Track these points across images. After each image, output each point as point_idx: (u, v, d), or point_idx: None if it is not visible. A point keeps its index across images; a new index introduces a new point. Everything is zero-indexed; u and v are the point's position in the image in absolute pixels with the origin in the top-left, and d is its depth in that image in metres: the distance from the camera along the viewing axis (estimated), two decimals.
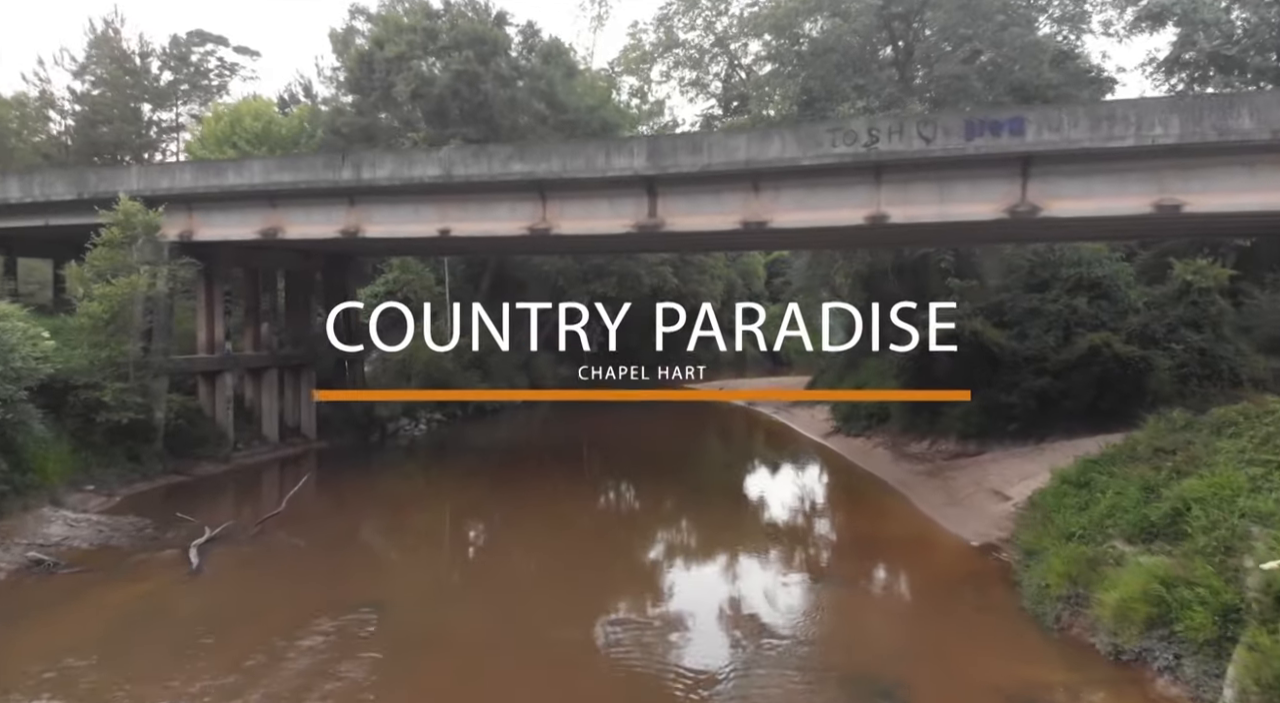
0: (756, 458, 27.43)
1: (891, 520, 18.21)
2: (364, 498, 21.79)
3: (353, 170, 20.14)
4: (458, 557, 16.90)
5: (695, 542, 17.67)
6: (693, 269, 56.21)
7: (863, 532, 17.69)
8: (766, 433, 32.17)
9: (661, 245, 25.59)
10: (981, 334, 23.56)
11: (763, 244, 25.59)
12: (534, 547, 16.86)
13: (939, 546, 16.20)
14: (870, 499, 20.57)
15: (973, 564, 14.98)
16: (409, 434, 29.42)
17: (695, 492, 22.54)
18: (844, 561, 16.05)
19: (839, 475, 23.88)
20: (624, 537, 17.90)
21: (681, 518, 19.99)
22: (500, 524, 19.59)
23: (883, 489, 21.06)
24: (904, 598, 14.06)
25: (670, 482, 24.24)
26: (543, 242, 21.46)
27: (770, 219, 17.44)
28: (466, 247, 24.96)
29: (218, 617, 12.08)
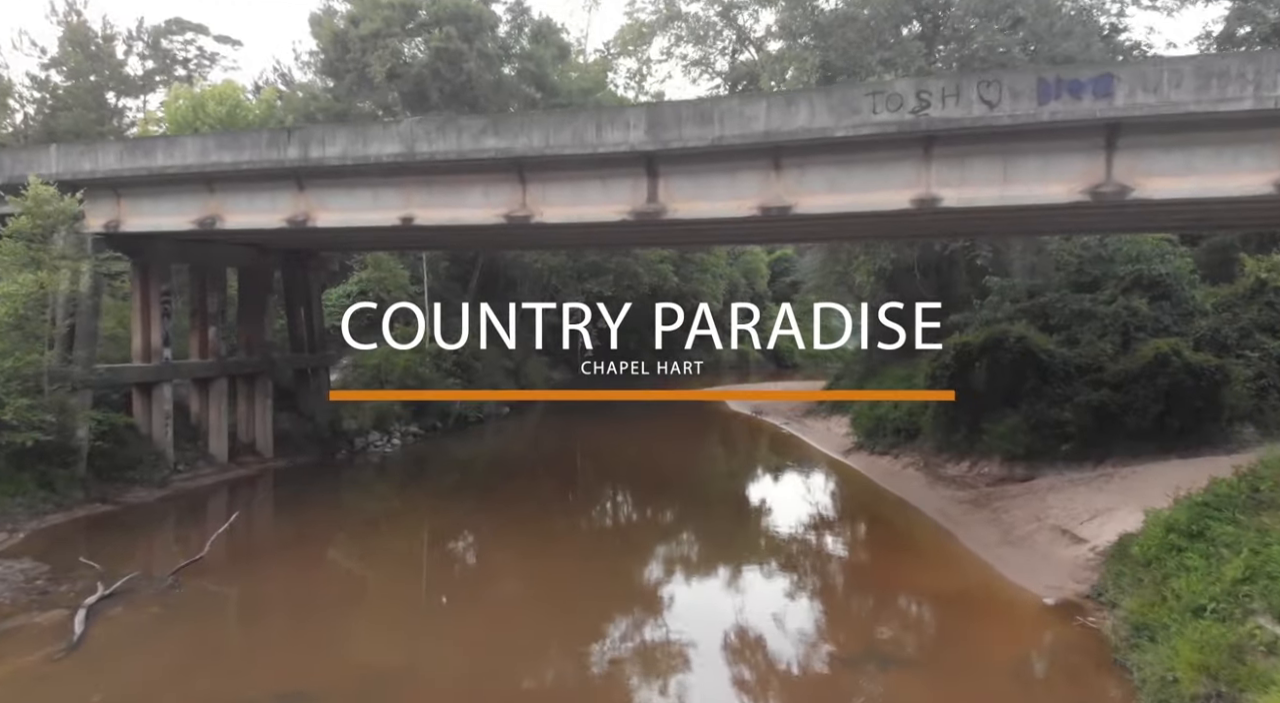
0: (769, 480, 24.42)
1: (938, 566, 15.21)
2: (318, 530, 18.75)
3: (299, 148, 17.13)
4: (422, 619, 13.77)
5: (702, 600, 14.46)
6: (693, 267, 53.42)
7: (906, 581, 14.65)
8: (778, 449, 29.15)
9: (663, 240, 22.48)
10: (1028, 340, 20.65)
11: (783, 237, 22.27)
12: (517, 607, 13.83)
13: (1004, 603, 13.18)
14: (908, 535, 17.57)
15: (1053, 631, 12.01)
16: (380, 451, 26.36)
17: (701, 524, 19.57)
18: (888, 625, 13.00)
19: (866, 503, 20.85)
20: (620, 593, 14.77)
21: (686, 563, 16.98)
22: (478, 572, 16.59)
23: (920, 522, 18.06)
24: (975, 687, 10.97)
25: (672, 510, 21.29)
26: (523, 232, 18.47)
27: (795, 203, 14.44)
28: (435, 239, 21.97)
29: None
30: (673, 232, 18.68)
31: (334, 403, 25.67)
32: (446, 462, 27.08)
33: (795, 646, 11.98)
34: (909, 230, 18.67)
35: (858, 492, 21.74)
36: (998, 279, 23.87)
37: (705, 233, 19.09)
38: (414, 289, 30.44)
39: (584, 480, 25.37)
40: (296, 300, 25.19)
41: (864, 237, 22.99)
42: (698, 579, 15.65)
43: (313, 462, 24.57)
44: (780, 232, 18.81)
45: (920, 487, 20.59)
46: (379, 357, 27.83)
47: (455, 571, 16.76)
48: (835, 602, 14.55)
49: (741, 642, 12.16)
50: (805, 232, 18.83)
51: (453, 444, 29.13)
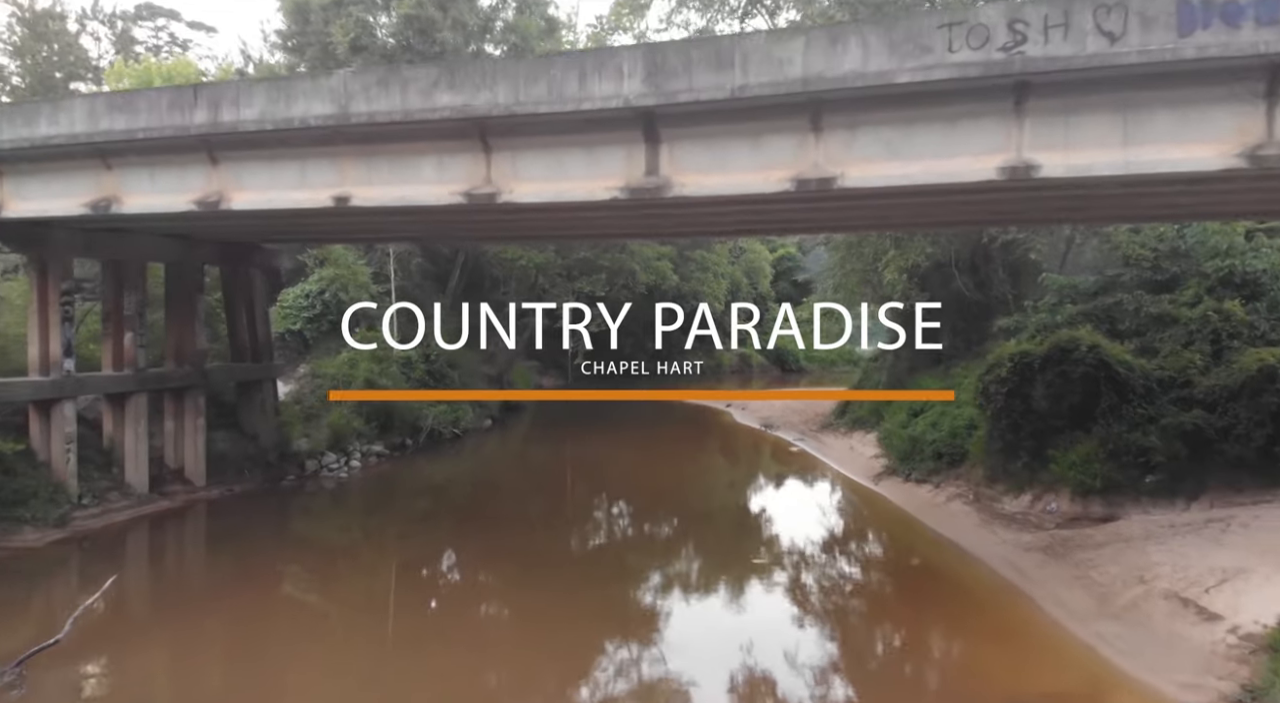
0: (786, 514, 20.88)
1: (1021, 648, 11.70)
2: (248, 583, 15.18)
3: (209, 110, 13.60)
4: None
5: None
6: (693, 266, 50.09)
7: (983, 672, 11.14)
8: (794, 472, 25.65)
9: (666, 228, 18.30)
10: (1102, 350, 17.20)
11: (817, 223, 16.93)
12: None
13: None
14: (971, 598, 14.04)
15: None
16: (336, 475, 22.78)
17: (706, 578, 16.11)
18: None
19: (909, 548, 17.35)
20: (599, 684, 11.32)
21: (685, 645, 13.38)
22: (447, 627, 13.02)
23: (983, 577, 14.57)
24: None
25: (672, 556, 17.83)
26: (489, 219, 14.94)
27: (840, 174, 10.95)
28: (381, 228, 18.09)
29: None
30: (678, 218, 15.13)
31: (281, 421, 22.14)
32: (414, 487, 23.55)
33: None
34: (986, 213, 15.06)
35: (896, 532, 18.23)
36: (1057, 277, 20.42)
37: (719, 219, 15.48)
38: (377, 289, 26.90)
39: (570, 512, 21.86)
40: (237, 301, 21.65)
41: (922, 225, 19.16)
42: (701, 671, 12.10)
43: (254, 489, 21.03)
44: (814, 216, 15.22)
45: (973, 526, 17.11)
46: (337, 366, 24.36)
47: (421, 625, 13.20)
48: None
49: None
50: (846, 216, 15.19)
51: (424, 465, 25.59)
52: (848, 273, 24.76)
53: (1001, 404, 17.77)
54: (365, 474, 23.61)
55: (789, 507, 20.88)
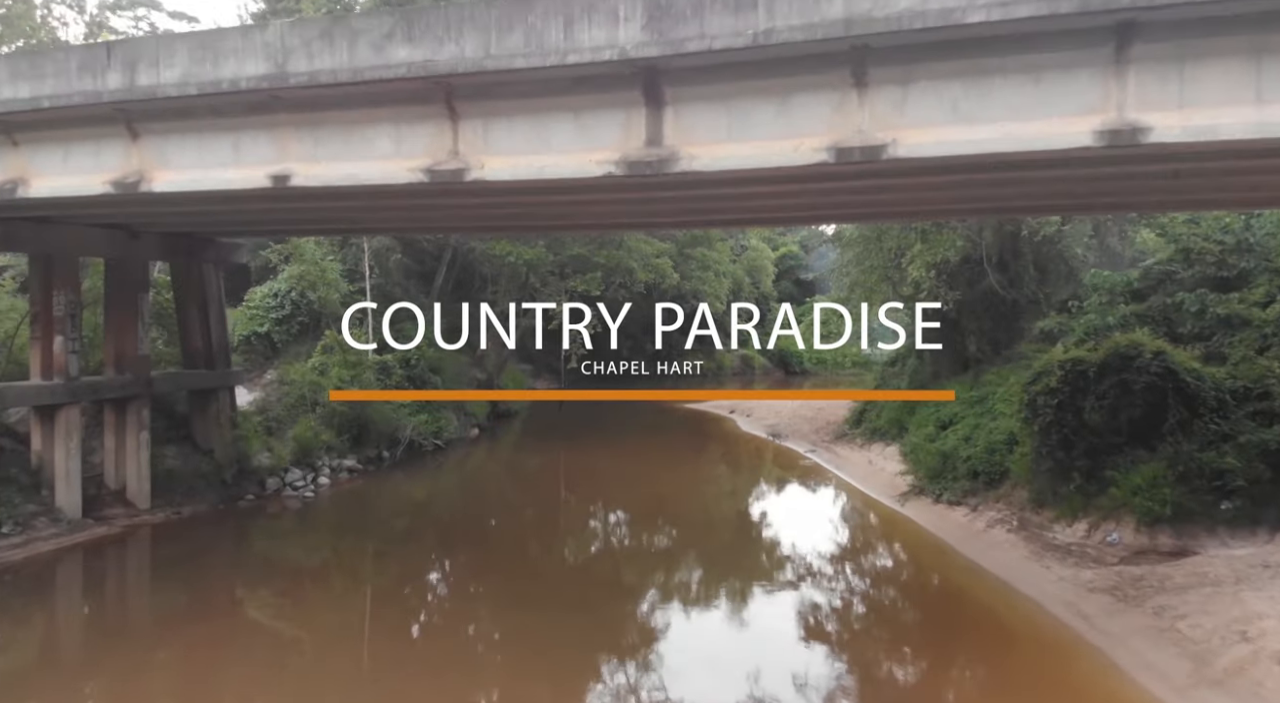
0: (803, 538, 18.58)
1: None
2: (190, 617, 13.18)
3: (124, 71, 11.36)
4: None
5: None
6: (694, 264, 47.84)
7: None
8: (808, 489, 23.44)
9: (670, 215, 15.21)
10: (1168, 357, 15.02)
11: (856, 209, 13.61)
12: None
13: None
14: (1029, 648, 11.87)
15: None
16: (301, 494, 20.50)
17: (717, 606, 13.94)
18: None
19: (950, 584, 15.10)
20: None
21: (701, 687, 11.21)
22: (419, 677, 10.81)
23: (1042, 625, 12.37)
24: None
25: (678, 582, 15.62)
26: (457, 201, 12.61)
27: (891, 140, 8.74)
28: (341, 218, 15.74)
29: None
30: (686, 203, 12.78)
31: (239, 434, 19.88)
32: (390, 505, 21.30)
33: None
34: (1065, 195, 12.38)
35: (931, 563, 16.00)
36: (1108, 273, 18.25)
37: (736, 202, 12.96)
38: (349, 288, 24.64)
39: (561, 535, 19.62)
40: (189, 301, 19.41)
41: (983, 211, 16.47)
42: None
43: (206, 512, 18.77)
44: (852, 200, 12.71)
45: (1021, 559, 14.91)
46: (302, 372, 22.15)
47: (400, 653, 10.99)
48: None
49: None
50: (894, 198, 12.63)
51: (401, 481, 23.33)
52: (866, 270, 22.56)
53: (1051, 418, 15.56)
54: (335, 492, 21.35)
55: (805, 532, 18.64)
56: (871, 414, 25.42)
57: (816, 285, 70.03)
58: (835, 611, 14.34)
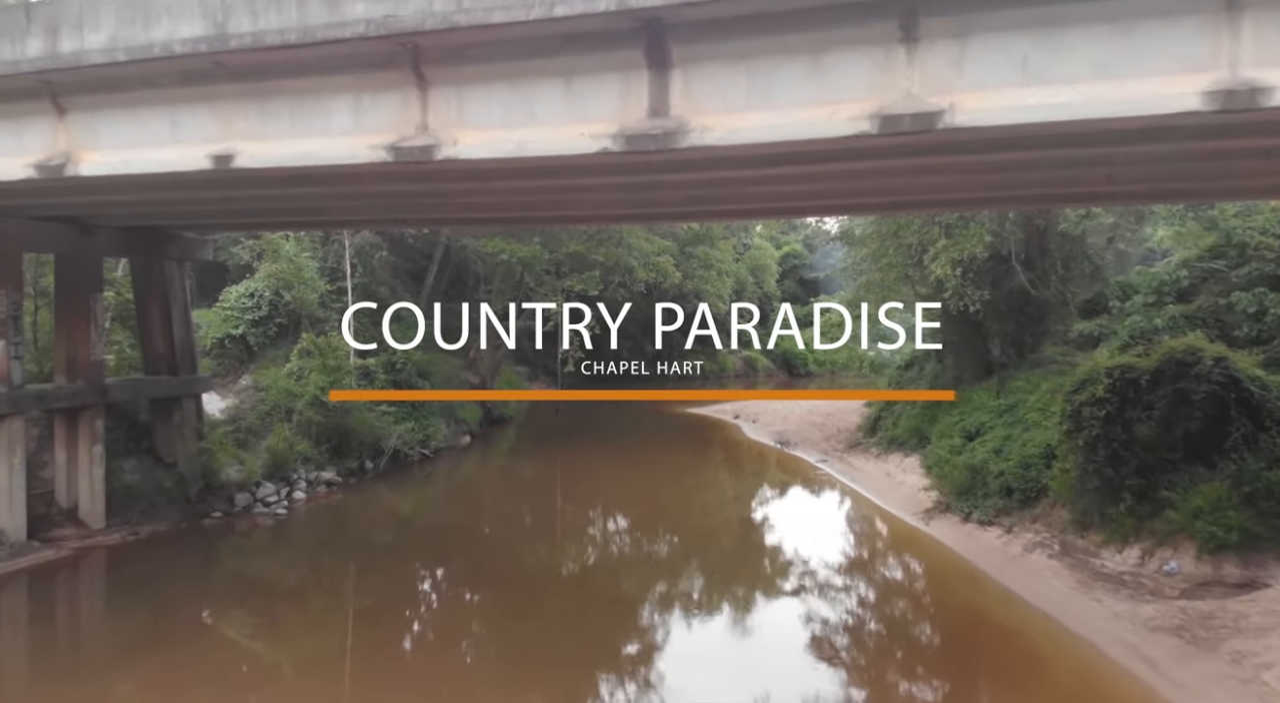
0: (818, 561, 16.99)
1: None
2: (149, 647, 11.70)
3: (45, 36, 9.82)
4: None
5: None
6: (696, 263, 46.33)
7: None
8: (822, 504, 21.84)
9: (676, 206, 13.33)
10: (1230, 364, 13.47)
11: (900, 195, 12.73)
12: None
13: None
14: (1087, 699, 10.35)
15: None
16: (273, 510, 18.92)
17: (726, 639, 12.35)
18: None
19: (985, 615, 13.48)
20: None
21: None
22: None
23: (1097, 666, 10.84)
24: None
25: (687, 618, 14.04)
26: (429, 187, 11.00)
27: (948, 106, 7.18)
28: (306, 208, 14.00)
29: None
30: (698, 188, 11.10)
31: (205, 446, 18.30)
32: (369, 523, 19.71)
33: None
34: (1156, 177, 10.66)
35: (965, 594, 14.38)
36: (1155, 270, 16.72)
37: (757, 188, 11.15)
38: (327, 287, 23.04)
39: (555, 554, 18.06)
40: (150, 302, 17.86)
41: (1044, 200, 14.86)
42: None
43: (168, 531, 17.23)
44: (895, 184, 11.04)
45: (1068, 590, 13.35)
46: (274, 378, 20.62)
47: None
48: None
49: None
50: (935, 185, 11.03)
51: (385, 494, 21.76)
52: (883, 268, 20.99)
53: (1098, 431, 13.99)
54: (312, 507, 19.78)
55: (820, 553, 17.06)
56: (887, 422, 23.84)
57: (821, 285, 68.48)
58: (858, 646, 12.81)
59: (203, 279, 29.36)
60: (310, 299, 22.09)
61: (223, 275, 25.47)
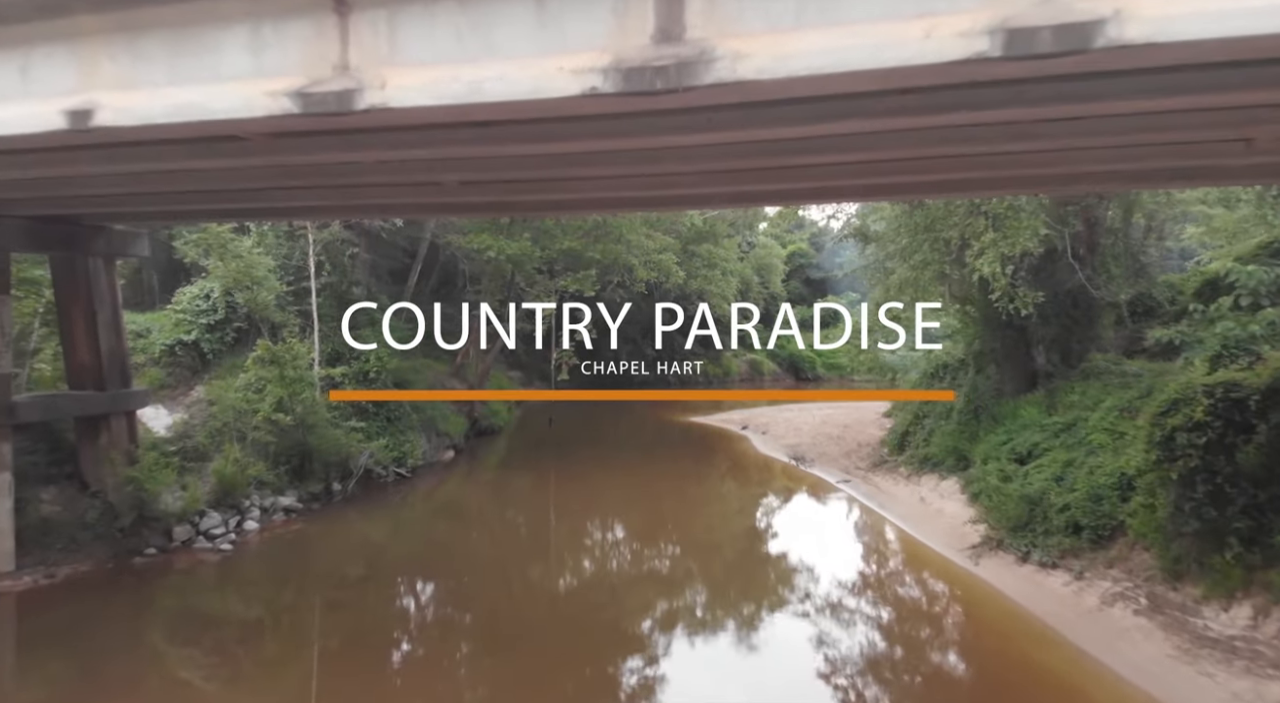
0: (849, 605, 14.59)
1: None
2: None
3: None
4: None
5: None
6: (699, 262, 43.95)
7: None
8: (848, 535, 19.32)
9: (689, 185, 9.92)
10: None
11: (975, 175, 9.97)
12: None
13: None
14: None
15: None
16: (218, 546, 16.43)
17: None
18: None
19: (1067, 690, 11.02)
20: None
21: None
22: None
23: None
24: None
25: (690, 670, 11.57)
26: (352, 156, 8.41)
27: (1115, 10, 4.72)
28: (202, 189, 11.42)
29: None
30: (730, 156, 8.41)
31: (140, 471, 15.83)
32: (331, 556, 17.23)
33: None
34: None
35: (1035, 659, 11.83)
36: (1252, 268, 14.28)
37: (810, 156, 8.36)
38: (284, 289, 20.51)
39: (545, 603, 15.58)
40: (73, 306, 15.41)
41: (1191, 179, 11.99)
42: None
43: (92, 572, 14.78)
44: (964, 157, 8.60)
45: (1166, 658, 10.88)
46: (220, 391, 18.19)
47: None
48: None
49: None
50: (1044, 154, 8.47)
51: (353, 521, 19.28)
52: (917, 266, 18.53)
53: (1196, 462, 11.56)
54: (266, 538, 17.31)
55: (853, 599, 14.64)
56: (917, 437, 21.38)
57: (828, 285, 66.14)
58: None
59: (163, 279, 26.95)
60: (265, 301, 19.61)
61: (181, 275, 23.02)
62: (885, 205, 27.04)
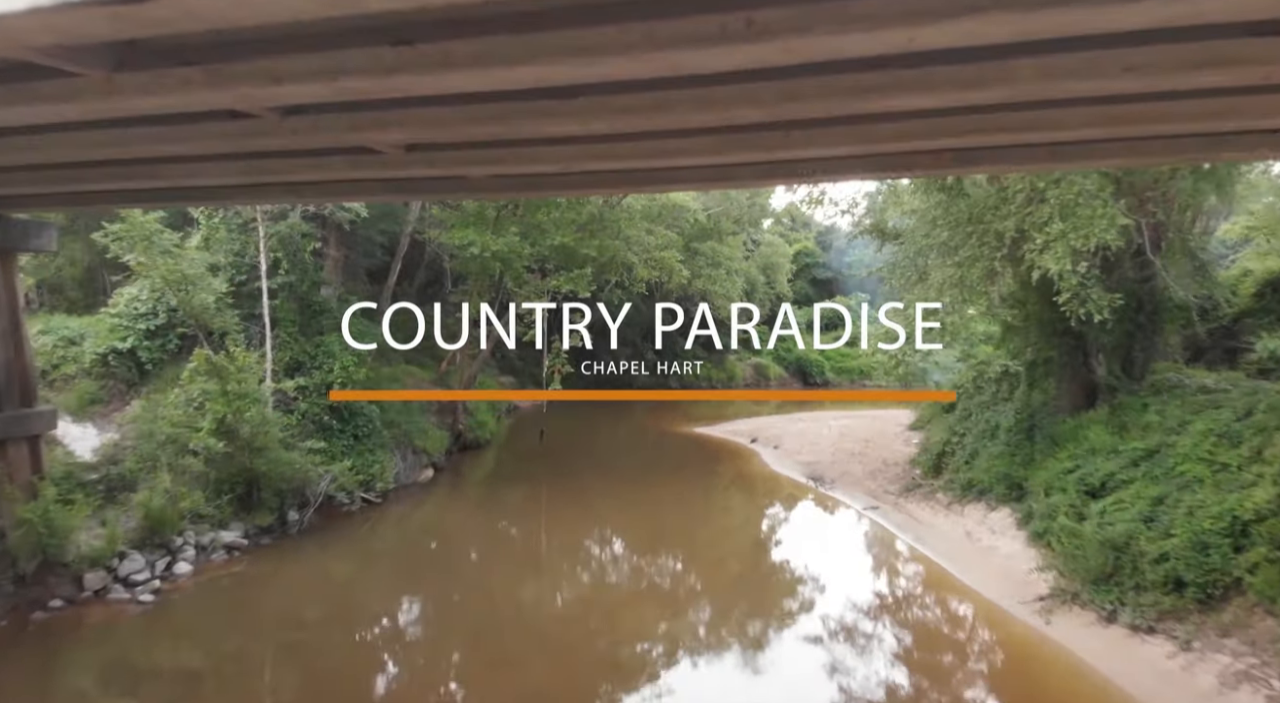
0: (901, 680, 12.04)
1: None
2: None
3: None
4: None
5: None
6: (703, 261, 41.49)
7: None
8: (883, 574, 16.69)
9: (694, 158, 8.50)
10: None
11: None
12: None
13: None
14: None
15: None
16: (137, 596, 13.81)
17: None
18: None
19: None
20: None
21: None
22: None
23: None
24: None
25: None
26: (210, 84, 5.83)
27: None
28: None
29: None
30: (771, 106, 5.90)
31: (45, 507, 13.26)
32: (279, 603, 14.59)
33: None
34: None
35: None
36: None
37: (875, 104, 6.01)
38: (223, 290, 17.84)
39: (529, 660, 13.00)
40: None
41: None
42: None
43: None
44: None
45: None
46: (144, 410, 15.65)
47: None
48: None
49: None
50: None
51: (309, 558, 16.63)
52: (964, 262, 15.95)
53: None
54: (202, 583, 14.70)
55: (899, 669, 12.08)
56: (957, 458, 18.80)
57: (835, 285, 63.65)
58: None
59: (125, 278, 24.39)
60: (202, 304, 17.02)
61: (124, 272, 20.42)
62: (904, 199, 24.52)
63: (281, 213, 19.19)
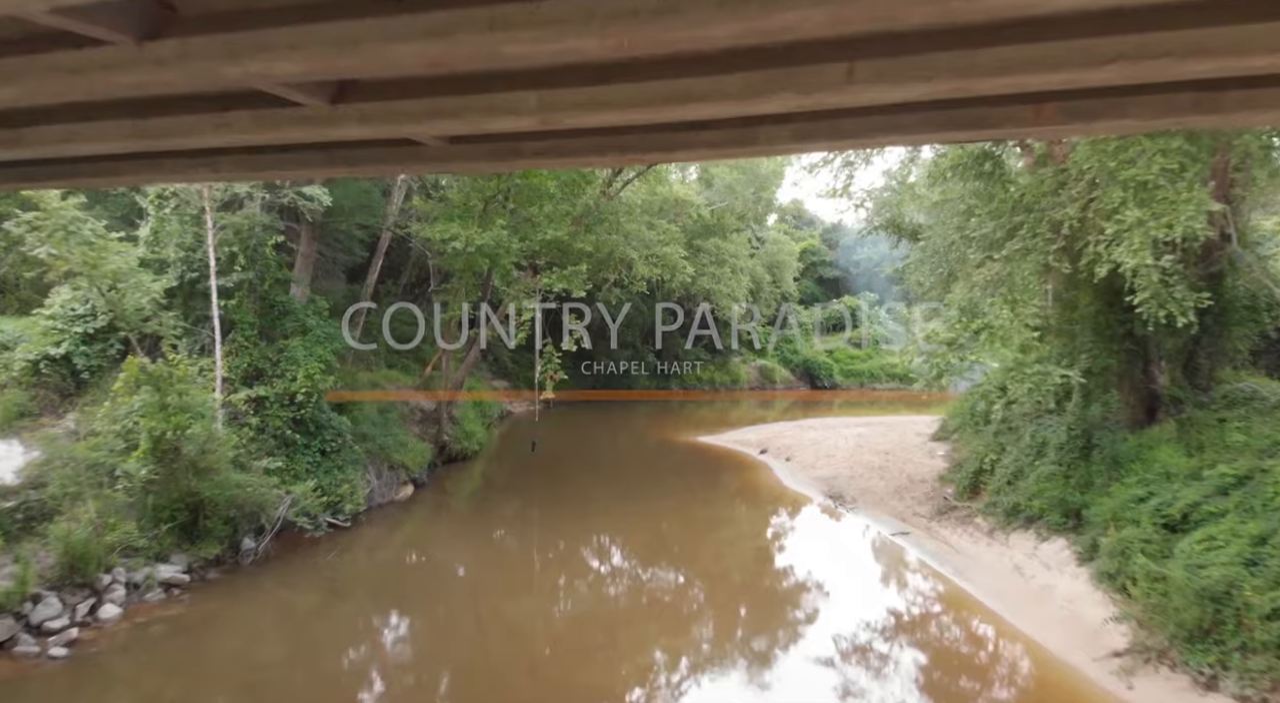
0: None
1: None
2: None
3: None
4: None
5: None
6: (706, 258, 39.61)
7: None
8: (918, 615, 14.60)
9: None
10: None
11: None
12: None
13: None
14: None
15: None
16: (46, 651, 11.77)
17: None
18: None
19: None
20: None
21: None
22: None
23: None
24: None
25: None
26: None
27: None
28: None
29: None
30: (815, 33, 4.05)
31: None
32: (222, 653, 12.59)
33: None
34: None
35: None
36: None
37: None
38: (156, 292, 15.67)
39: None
40: None
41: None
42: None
43: None
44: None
45: None
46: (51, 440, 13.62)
47: None
48: None
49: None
50: None
51: (264, 594, 14.60)
52: (1011, 256, 13.88)
53: None
54: (130, 629, 12.65)
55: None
56: (998, 478, 16.74)
57: (842, 284, 61.68)
58: None
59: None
60: (133, 305, 14.96)
61: None
62: (924, 194, 22.78)
63: (237, 201, 17.14)
